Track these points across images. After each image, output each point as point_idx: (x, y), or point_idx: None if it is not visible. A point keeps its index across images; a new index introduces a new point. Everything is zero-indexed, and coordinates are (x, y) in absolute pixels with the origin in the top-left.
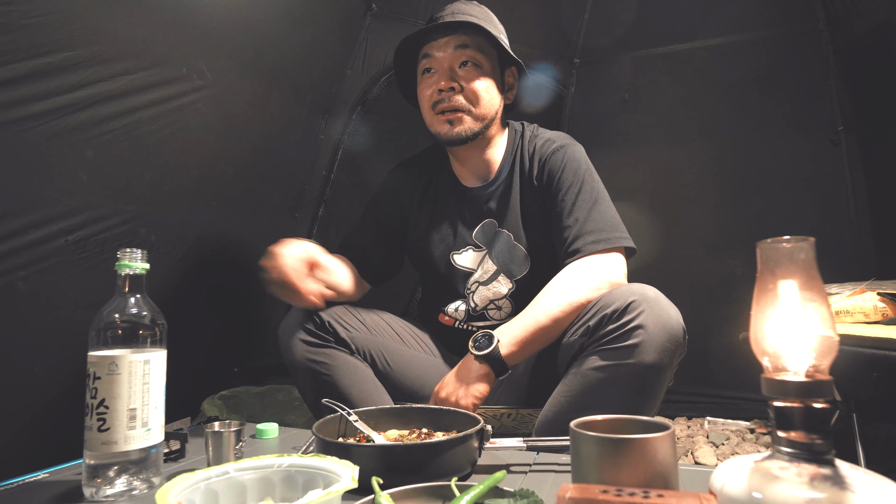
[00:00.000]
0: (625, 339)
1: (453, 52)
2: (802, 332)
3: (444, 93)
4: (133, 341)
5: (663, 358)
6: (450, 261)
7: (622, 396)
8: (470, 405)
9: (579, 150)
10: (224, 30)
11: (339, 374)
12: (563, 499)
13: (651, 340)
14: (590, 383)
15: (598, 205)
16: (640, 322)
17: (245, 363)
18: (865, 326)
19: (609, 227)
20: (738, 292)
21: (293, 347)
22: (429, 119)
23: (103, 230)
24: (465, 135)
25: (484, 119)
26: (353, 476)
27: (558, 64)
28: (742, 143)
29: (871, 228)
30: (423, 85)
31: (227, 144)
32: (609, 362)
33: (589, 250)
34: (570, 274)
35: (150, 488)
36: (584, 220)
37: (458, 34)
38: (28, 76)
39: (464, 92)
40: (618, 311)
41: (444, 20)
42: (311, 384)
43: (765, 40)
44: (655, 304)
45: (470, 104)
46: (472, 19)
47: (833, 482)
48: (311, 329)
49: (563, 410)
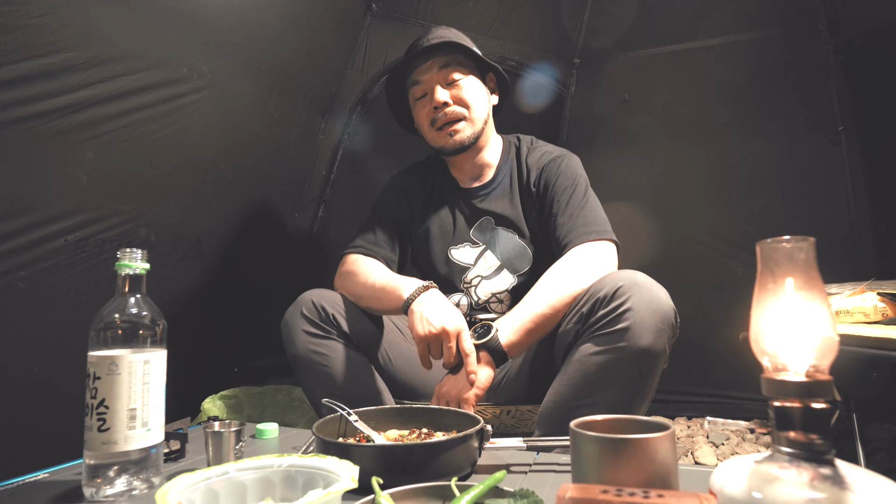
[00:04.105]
0: (615, 323)
1: (438, 73)
2: (802, 332)
3: (438, 109)
4: (133, 341)
5: (656, 340)
6: (448, 256)
7: (619, 380)
8: (472, 396)
9: (576, 161)
10: (224, 30)
11: (340, 367)
12: (563, 499)
13: (642, 322)
14: (586, 370)
15: (589, 203)
16: (630, 305)
17: (245, 363)
18: (865, 326)
19: (600, 221)
20: (738, 292)
21: (295, 338)
22: (430, 136)
23: (103, 230)
24: (466, 142)
25: (479, 121)
26: (353, 476)
27: (558, 64)
28: (742, 143)
29: (871, 228)
30: (419, 108)
31: (227, 144)
32: (602, 347)
33: (581, 240)
34: (564, 263)
35: (150, 488)
36: (576, 216)
37: (438, 55)
38: (28, 76)
39: (455, 103)
40: (608, 296)
41: (422, 47)
42: (312, 375)
43: (765, 40)
44: (644, 288)
45: (463, 111)
46: (445, 39)
47: (833, 482)
48: (315, 321)
49: (562, 400)
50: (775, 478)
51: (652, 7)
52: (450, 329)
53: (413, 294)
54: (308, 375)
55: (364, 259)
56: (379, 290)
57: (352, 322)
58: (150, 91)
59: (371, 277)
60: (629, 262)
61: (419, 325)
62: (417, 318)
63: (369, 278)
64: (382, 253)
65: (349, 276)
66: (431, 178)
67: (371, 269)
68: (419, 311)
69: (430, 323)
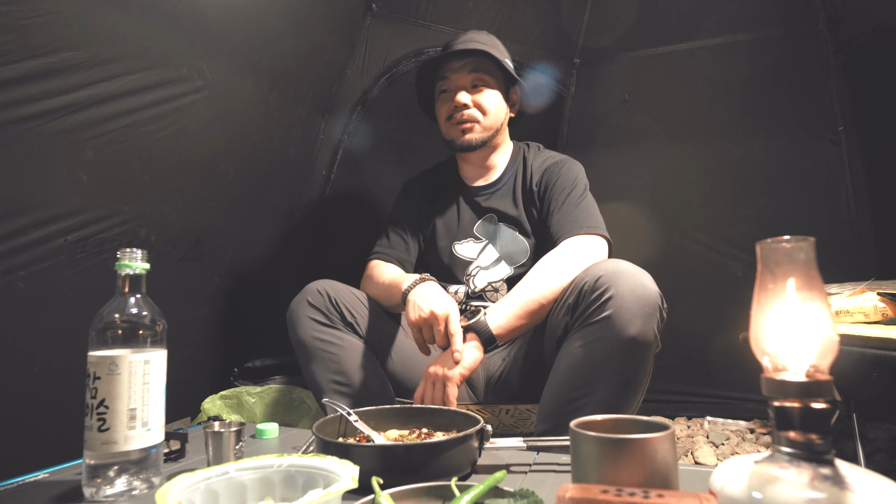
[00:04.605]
0: (600, 312)
1: (466, 75)
2: (802, 332)
3: (458, 109)
4: (133, 341)
5: (644, 326)
6: (452, 251)
7: (611, 369)
8: (458, 375)
9: (579, 166)
10: (224, 30)
11: (344, 354)
12: (563, 499)
13: (626, 309)
14: (578, 363)
15: (585, 202)
16: (612, 293)
17: (245, 363)
18: (865, 326)
19: (593, 219)
20: (738, 292)
21: (300, 325)
22: (445, 128)
23: (103, 230)
24: (475, 143)
25: (491, 129)
26: (353, 476)
27: (558, 64)
28: (742, 143)
29: (871, 228)
30: (441, 102)
31: (227, 144)
32: (591, 338)
33: (572, 234)
34: (554, 254)
35: (150, 488)
36: (570, 212)
37: (471, 59)
38: (28, 76)
39: (474, 107)
40: (590, 286)
41: (458, 48)
42: (316, 362)
43: (765, 40)
44: (627, 275)
45: (479, 117)
46: (482, 47)
47: (833, 482)
48: (320, 308)
49: (558, 395)
50: (775, 478)
51: (652, 7)
52: (438, 312)
53: (410, 286)
54: (312, 362)
55: (379, 263)
56: (387, 288)
57: (357, 312)
58: (150, 91)
59: (382, 277)
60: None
61: (412, 311)
62: (411, 306)
63: (380, 278)
64: (395, 254)
65: (368, 279)
66: (440, 179)
67: (384, 270)
68: (413, 300)
69: (421, 308)
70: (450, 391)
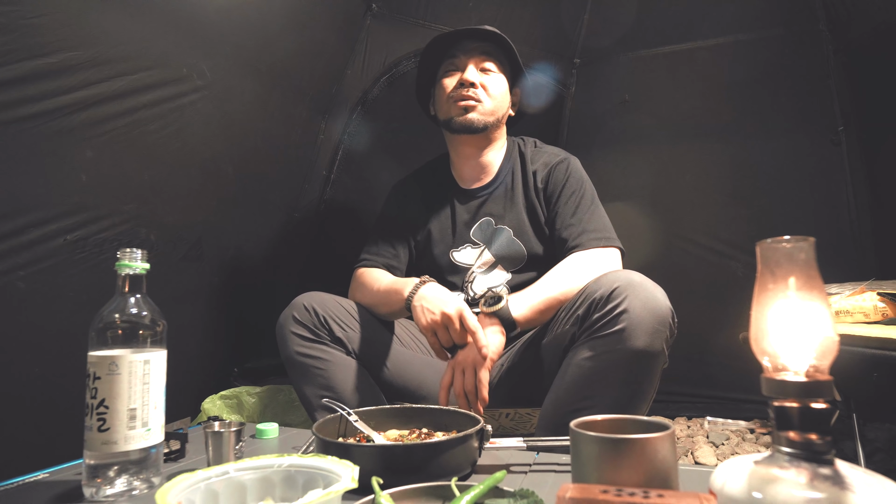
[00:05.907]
0: (612, 325)
1: (477, 58)
2: (802, 332)
3: (464, 86)
4: (133, 341)
5: (653, 341)
6: (450, 259)
7: (617, 383)
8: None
9: (579, 163)
10: (224, 30)
11: (332, 371)
12: (563, 499)
13: (638, 324)
14: (584, 374)
15: (597, 209)
16: (626, 307)
17: (245, 363)
18: (865, 326)
19: (608, 229)
20: (738, 292)
21: (287, 341)
22: (444, 107)
23: (103, 230)
24: (476, 123)
25: (493, 116)
26: (353, 476)
27: (558, 64)
28: (742, 143)
29: (871, 228)
30: (445, 79)
31: (227, 144)
32: (600, 350)
33: (591, 245)
34: (576, 259)
35: (150, 488)
36: (586, 220)
37: (483, 43)
38: (28, 76)
39: (480, 89)
40: (603, 297)
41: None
42: (304, 378)
43: (765, 40)
44: (640, 288)
45: (484, 99)
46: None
47: (833, 482)
48: (306, 324)
49: (561, 403)
50: (775, 478)
51: (652, 7)
52: (449, 312)
53: (412, 291)
54: (300, 378)
55: (369, 270)
56: (385, 295)
57: (347, 325)
58: (150, 91)
59: (376, 285)
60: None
61: (422, 316)
62: (419, 311)
63: (374, 286)
64: (383, 261)
65: (359, 288)
66: (432, 181)
67: (377, 277)
68: (419, 304)
69: (431, 311)
70: (482, 375)
